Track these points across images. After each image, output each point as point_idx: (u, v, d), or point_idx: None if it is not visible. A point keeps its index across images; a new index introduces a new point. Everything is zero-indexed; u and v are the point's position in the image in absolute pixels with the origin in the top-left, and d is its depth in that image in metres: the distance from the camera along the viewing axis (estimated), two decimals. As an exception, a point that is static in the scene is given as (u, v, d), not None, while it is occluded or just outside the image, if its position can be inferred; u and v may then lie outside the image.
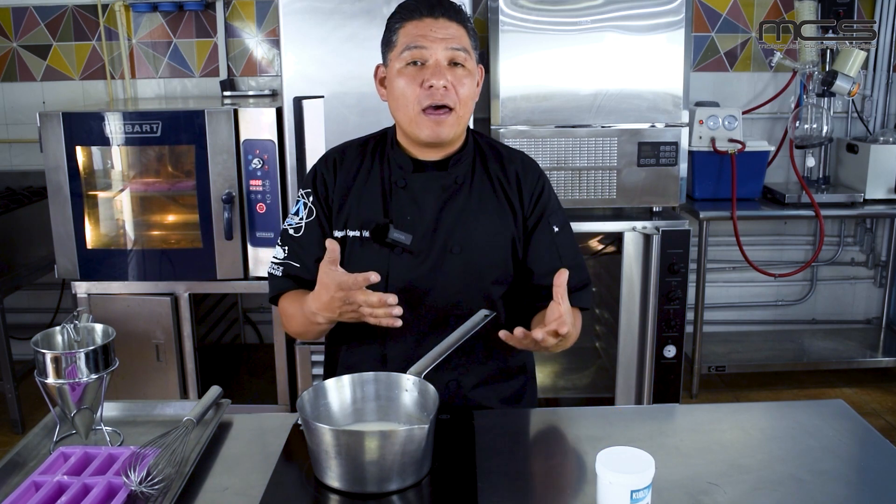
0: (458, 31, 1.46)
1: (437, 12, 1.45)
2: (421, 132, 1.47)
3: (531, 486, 1.24)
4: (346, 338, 1.60)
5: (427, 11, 1.45)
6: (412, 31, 1.45)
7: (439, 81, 1.43)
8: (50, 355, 1.28)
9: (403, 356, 1.50)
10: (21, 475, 1.26)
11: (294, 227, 1.56)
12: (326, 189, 1.56)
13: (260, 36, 3.49)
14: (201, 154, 2.72)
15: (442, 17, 1.45)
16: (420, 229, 1.51)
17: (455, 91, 1.45)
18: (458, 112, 1.47)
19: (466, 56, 1.47)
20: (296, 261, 1.55)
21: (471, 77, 1.48)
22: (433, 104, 1.44)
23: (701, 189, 3.27)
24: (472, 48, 1.49)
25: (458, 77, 1.46)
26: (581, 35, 2.75)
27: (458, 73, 1.46)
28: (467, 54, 1.47)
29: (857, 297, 3.85)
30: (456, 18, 1.47)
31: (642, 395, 2.98)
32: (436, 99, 1.44)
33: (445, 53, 1.44)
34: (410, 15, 1.46)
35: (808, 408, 1.48)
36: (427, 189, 1.52)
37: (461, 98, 1.46)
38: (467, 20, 1.49)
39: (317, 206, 1.56)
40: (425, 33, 1.44)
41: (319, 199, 1.56)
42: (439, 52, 1.44)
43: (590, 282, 1.60)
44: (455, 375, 1.53)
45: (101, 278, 2.83)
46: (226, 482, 1.25)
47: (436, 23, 1.45)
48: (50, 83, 3.54)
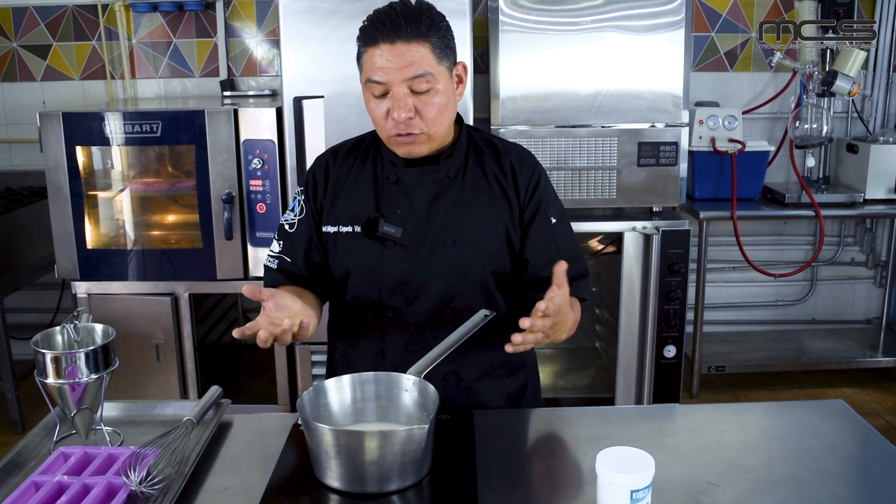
0: (418, 51, 1.39)
1: (391, 36, 1.39)
2: (397, 152, 1.50)
3: (531, 486, 1.24)
4: (344, 332, 1.61)
5: (382, 37, 1.39)
6: (371, 62, 1.41)
7: (401, 114, 1.41)
8: (50, 355, 1.28)
9: (401, 350, 1.52)
10: (21, 475, 1.26)
11: (289, 223, 1.60)
12: (317, 189, 1.58)
13: (260, 36, 3.49)
14: (201, 154, 2.72)
15: (399, 41, 1.38)
16: (411, 222, 1.52)
17: (420, 117, 1.43)
18: (429, 132, 1.46)
19: (430, 78, 1.41)
20: (288, 256, 1.58)
21: (439, 94, 1.44)
22: (400, 132, 1.44)
23: (701, 189, 3.27)
24: (440, 59, 1.42)
25: (422, 101, 1.42)
26: (581, 35, 2.75)
27: (423, 98, 1.42)
28: (431, 74, 1.41)
29: (857, 297, 3.85)
30: (415, 36, 1.39)
31: (642, 395, 2.98)
32: (401, 129, 1.43)
33: (404, 83, 1.40)
34: (369, 41, 1.42)
35: (808, 408, 1.48)
36: (418, 183, 1.53)
37: (428, 121, 1.44)
38: (430, 32, 1.41)
39: (307, 205, 1.58)
40: (383, 65, 1.39)
41: (310, 199, 1.59)
42: (398, 83, 1.40)
43: (588, 273, 1.60)
44: (453, 368, 1.53)
45: (101, 278, 2.83)
46: (226, 482, 1.25)
47: (392, 49, 1.39)
48: (50, 83, 3.54)
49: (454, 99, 1.49)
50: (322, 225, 1.57)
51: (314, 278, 1.59)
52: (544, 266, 1.53)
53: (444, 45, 1.44)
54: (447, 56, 1.45)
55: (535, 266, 1.54)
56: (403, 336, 1.53)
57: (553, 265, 1.44)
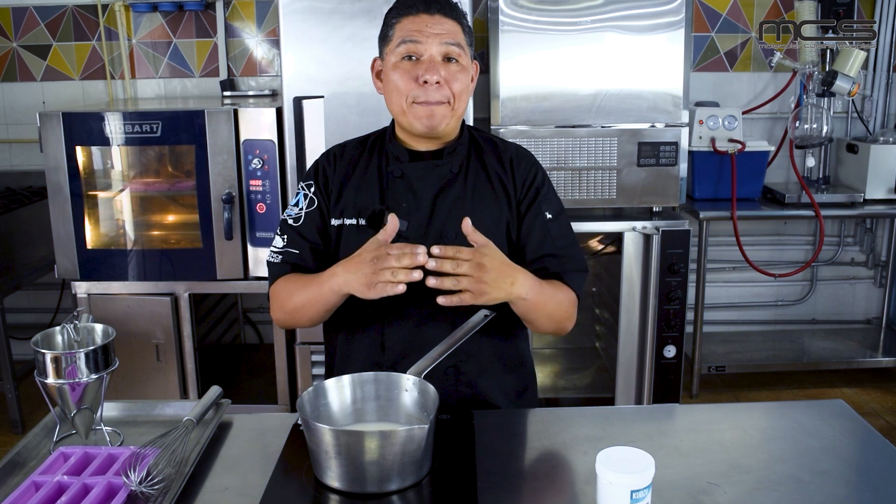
0: (453, 27, 1.49)
1: (432, 8, 1.47)
2: (414, 123, 1.50)
3: (531, 486, 1.24)
4: (344, 326, 1.60)
5: (423, 7, 1.48)
6: (408, 27, 1.48)
7: (433, 77, 1.46)
8: (50, 355, 1.28)
9: (402, 344, 1.52)
10: (21, 475, 1.26)
11: (293, 217, 1.59)
12: (327, 179, 1.59)
13: (260, 36, 3.49)
14: (201, 154, 2.72)
15: (437, 14, 1.47)
16: (416, 216, 1.53)
17: (449, 86, 1.48)
18: (453, 105, 1.50)
19: (461, 52, 1.49)
20: (295, 248, 1.58)
21: (465, 72, 1.50)
22: (426, 100, 1.48)
23: (701, 189, 3.27)
24: (468, 44, 1.52)
25: (451, 72, 1.48)
26: (581, 35, 2.75)
27: (451, 68, 1.48)
28: (462, 50, 1.49)
29: (857, 297, 3.85)
30: (451, 15, 1.49)
31: (642, 395, 2.98)
32: (429, 95, 1.47)
33: (440, 49, 1.47)
34: (407, 10, 1.49)
35: (808, 408, 1.48)
36: (423, 177, 1.54)
37: (455, 93, 1.49)
38: (463, 17, 1.52)
39: (318, 195, 1.59)
40: (420, 28, 1.46)
41: (321, 189, 1.59)
42: (433, 48, 1.47)
43: (586, 269, 1.60)
44: (454, 362, 1.53)
45: (101, 278, 2.83)
46: (226, 482, 1.25)
47: (431, 18, 1.47)
48: (50, 83, 3.54)
49: (471, 89, 1.55)
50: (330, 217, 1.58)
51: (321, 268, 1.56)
52: (536, 259, 1.55)
53: (470, 34, 1.54)
54: (471, 45, 1.54)
55: (530, 258, 1.55)
56: (404, 329, 1.53)
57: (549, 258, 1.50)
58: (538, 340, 3.62)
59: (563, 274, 1.56)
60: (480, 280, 1.34)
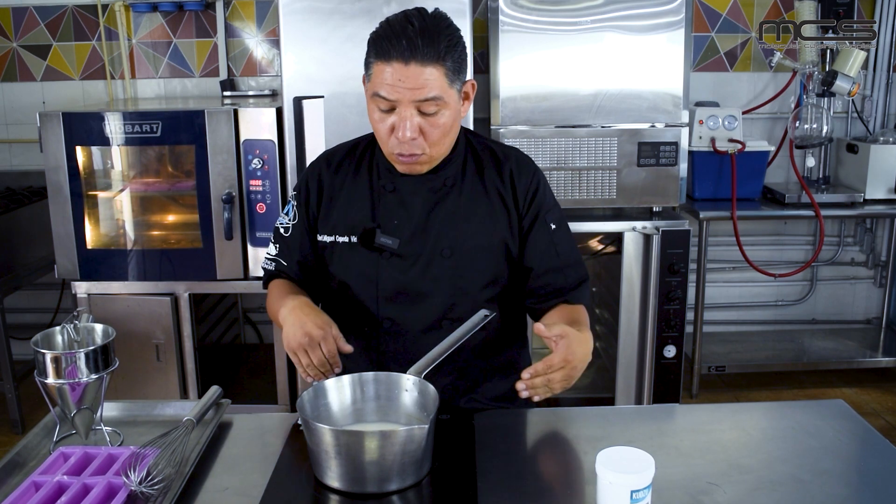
0: (431, 75, 1.35)
1: (407, 55, 1.34)
2: (397, 167, 1.49)
3: (531, 486, 1.24)
4: None
5: (397, 54, 1.34)
6: (381, 77, 1.37)
7: (406, 134, 1.38)
8: (50, 355, 1.28)
9: (398, 361, 1.50)
10: (21, 475, 1.26)
11: (284, 227, 1.61)
12: (309, 197, 1.58)
13: (260, 36, 3.49)
14: (201, 154, 2.72)
15: (412, 62, 1.34)
16: (407, 232, 1.50)
17: (426, 137, 1.40)
18: (431, 153, 1.44)
19: (440, 101, 1.38)
20: (284, 259, 1.60)
21: (447, 117, 1.41)
22: (402, 152, 1.42)
23: (701, 189, 3.27)
24: (451, 83, 1.39)
25: (429, 123, 1.39)
26: (581, 35, 2.75)
27: (429, 120, 1.39)
28: (440, 100, 1.38)
29: (857, 297, 3.84)
30: (430, 59, 1.34)
31: (642, 395, 2.98)
32: (404, 149, 1.41)
33: (414, 105, 1.37)
34: (382, 55, 1.37)
35: (808, 408, 1.48)
36: (415, 192, 1.51)
37: (432, 142, 1.42)
38: (447, 55, 1.37)
39: (301, 211, 1.58)
40: (394, 83, 1.35)
41: (302, 206, 1.58)
42: (408, 104, 1.37)
43: (587, 277, 1.59)
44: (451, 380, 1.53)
45: (101, 278, 2.83)
46: (226, 482, 1.25)
47: (406, 70, 1.34)
48: (50, 83, 3.54)
49: (459, 118, 1.47)
50: (318, 233, 1.57)
51: (308, 280, 1.60)
52: (544, 274, 1.53)
53: (457, 69, 1.40)
54: (459, 78, 1.42)
55: (535, 273, 1.54)
56: (400, 347, 1.53)
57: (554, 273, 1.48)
58: (538, 340, 3.61)
59: (569, 290, 1.54)
60: (572, 377, 1.32)
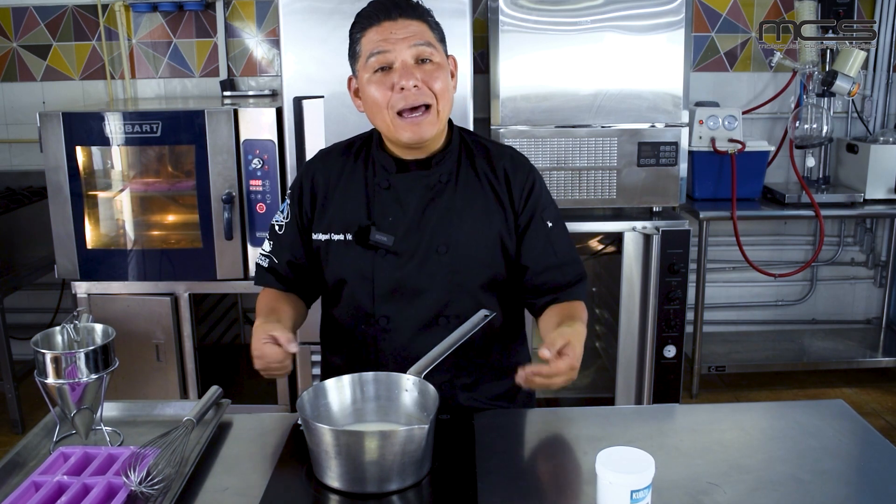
0: (419, 27, 1.44)
1: (393, 14, 1.42)
2: (401, 136, 1.45)
3: (531, 486, 1.24)
4: (337, 340, 1.61)
5: (384, 15, 1.43)
6: (373, 38, 1.43)
7: (409, 82, 1.40)
8: (50, 355, 1.28)
9: (395, 357, 1.51)
10: (21, 475, 1.26)
11: (279, 225, 1.62)
12: (302, 197, 1.58)
13: (260, 36, 3.49)
14: (201, 154, 2.72)
15: (400, 18, 1.43)
16: (402, 229, 1.50)
17: (429, 87, 1.43)
18: (437, 107, 1.44)
19: (433, 50, 1.44)
20: (277, 256, 1.61)
21: (442, 70, 1.45)
22: (408, 106, 1.42)
23: (701, 189, 3.27)
24: (438, 41, 1.47)
25: (428, 73, 1.42)
26: (581, 35, 2.75)
27: (427, 68, 1.43)
28: (433, 48, 1.44)
29: (857, 297, 3.84)
30: (415, 15, 1.44)
31: (642, 395, 2.98)
32: (409, 101, 1.42)
33: (410, 52, 1.42)
34: (369, 22, 1.44)
35: (808, 408, 1.48)
36: (410, 189, 1.51)
37: (437, 93, 1.43)
38: (427, 14, 1.47)
39: (294, 210, 1.59)
40: (386, 37, 1.42)
41: (295, 204, 1.59)
42: (404, 52, 1.41)
43: (585, 275, 1.59)
44: (448, 377, 1.53)
45: (101, 278, 2.83)
46: (226, 482, 1.25)
47: (395, 24, 1.42)
48: (50, 83, 3.54)
49: (451, 87, 1.50)
50: (312, 232, 1.57)
51: (299, 280, 1.61)
52: (541, 272, 1.54)
53: (438, 29, 1.49)
54: (443, 42, 1.49)
55: (533, 271, 1.54)
56: (397, 344, 1.52)
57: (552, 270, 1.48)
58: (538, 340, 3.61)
59: (566, 286, 1.55)
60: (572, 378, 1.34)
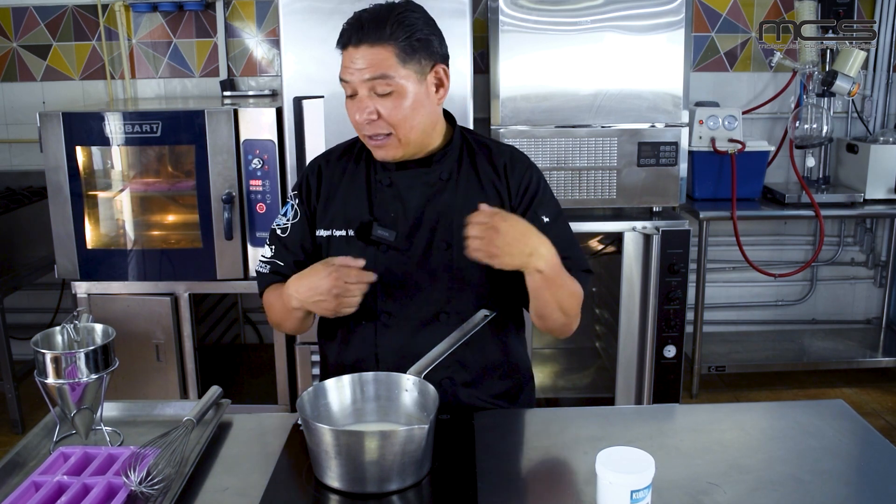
0: (380, 53, 1.40)
1: (354, 39, 1.41)
2: (374, 154, 1.51)
3: (531, 486, 1.24)
4: (337, 337, 1.60)
5: (349, 40, 1.42)
6: (343, 62, 1.44)
7: (362, 116, 1.43)
8: (50, 355, 1.29)
9: (395, 353, 1.51)
10: (21, 475, 1.26)
11: (281, 228, 1.61)
12: (310, 193, 1.59)
13: (260, 36, 3.49)
14: (201, 154, 2.72)
15: (362, 44, 1.40)
16: (404, 226, 1.52)
17: (385, 119, 1.43)
18: (398, 134, 1.45)
19: (391, 81, 1.41)
20: (281, 259, 1.60)
21: (401, 97, 1.42)
22: (368, 134, 1.46)
23: (701, 189, 3.27)
24: (404, 63, 1.41)
25: (384, 104, 1.42)
26: (581, 35, 2.75)
27: (384, 101, 1.42)
28: (389, 78, 1.40)
29: (857, 297, 3.84)
30: (378, 39, 1.40)
31: (642, 395, 2.98)
32: (368, 130, 1.45)
33: (365, 85, 1.42)
34: (341, 43, 1.45)
35: (808, 408, 1.48)
36: (411, 186, 1.53)
37: (394, 122, 1.43)
38: (394, 36, 1.40)
39: (301, 208, 1.59)
40: (347, 65, 1.43)
41: (304, 203, 1.59)
42: (360, 85, 1.42)
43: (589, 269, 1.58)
44: (448, 373, 1.53)
45: (101, 278, 2.83)
46: (226, 482, 1.25)
47: (356, 51, 1.41)
48: (50, 83, 3.54)
49: (429, 102, 1.47)
50: (316, 229, 1.57)
51: None
52: None
53: (411, 49, 1.42)
54: (416, 59, 1.43)
55: None
56: (398, 340, 1.53)
57: None
58: (538, 340, 3.62)
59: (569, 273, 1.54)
60: (491, 243, 1.34)
